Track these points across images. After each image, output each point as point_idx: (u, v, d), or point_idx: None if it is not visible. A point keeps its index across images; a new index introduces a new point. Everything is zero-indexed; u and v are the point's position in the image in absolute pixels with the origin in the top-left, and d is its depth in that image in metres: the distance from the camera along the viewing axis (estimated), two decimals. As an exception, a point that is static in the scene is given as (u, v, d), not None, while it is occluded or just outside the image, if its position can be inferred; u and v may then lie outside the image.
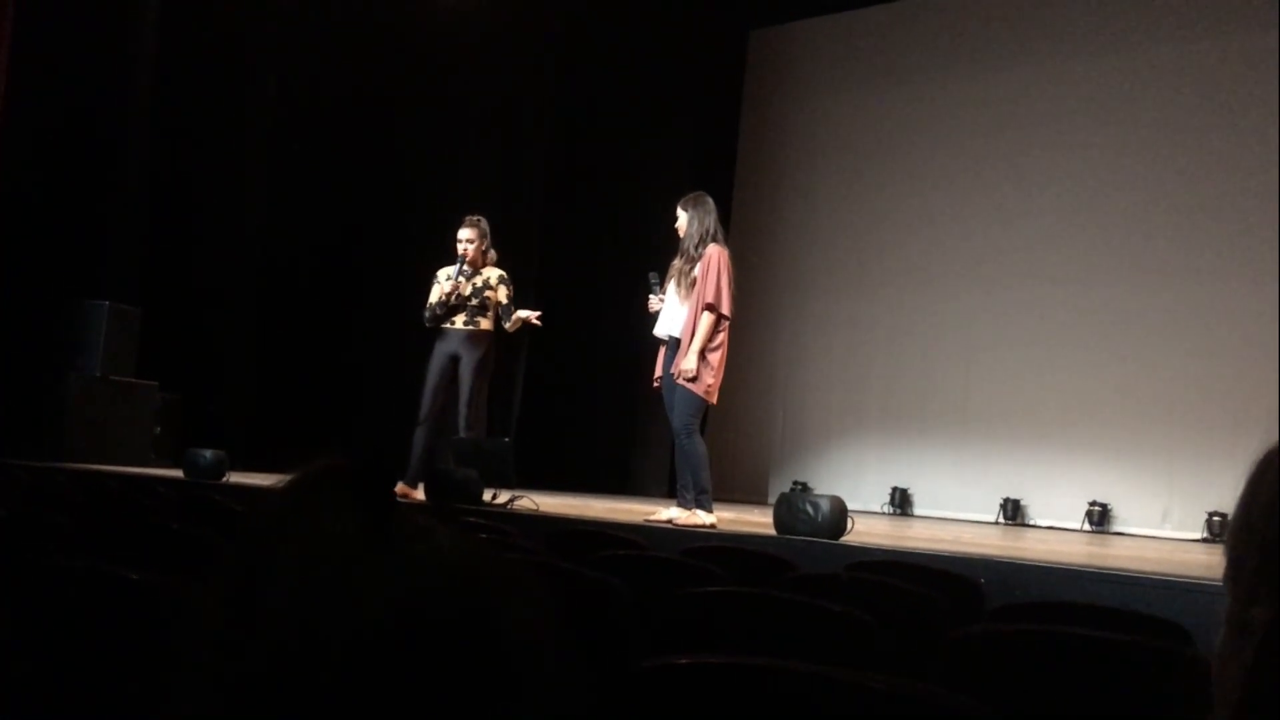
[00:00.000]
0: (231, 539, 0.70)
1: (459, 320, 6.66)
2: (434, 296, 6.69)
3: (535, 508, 5.79)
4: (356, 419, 9.52)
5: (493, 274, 6.73)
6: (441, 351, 6.70)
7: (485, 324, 6.68)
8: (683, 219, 5.64)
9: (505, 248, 10.26)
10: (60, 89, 7.87)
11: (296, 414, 8.96)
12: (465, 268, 6.66)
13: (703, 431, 5.70)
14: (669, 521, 5.37)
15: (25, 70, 7.62)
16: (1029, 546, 6.17)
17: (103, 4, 8.14)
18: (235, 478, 6.53)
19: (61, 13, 7.88)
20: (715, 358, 5.49)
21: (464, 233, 6.72)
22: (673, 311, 5.65)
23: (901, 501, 10.52)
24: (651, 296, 5.76)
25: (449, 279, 6.63)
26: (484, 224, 6.81)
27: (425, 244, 8.04)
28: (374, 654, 0.63)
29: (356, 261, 9.96)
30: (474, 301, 6.66)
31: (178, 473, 6.74)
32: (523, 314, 6.60)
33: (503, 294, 6.69)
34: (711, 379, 5.47)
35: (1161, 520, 9.20)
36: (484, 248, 6.75)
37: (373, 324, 9.91)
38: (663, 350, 5.74)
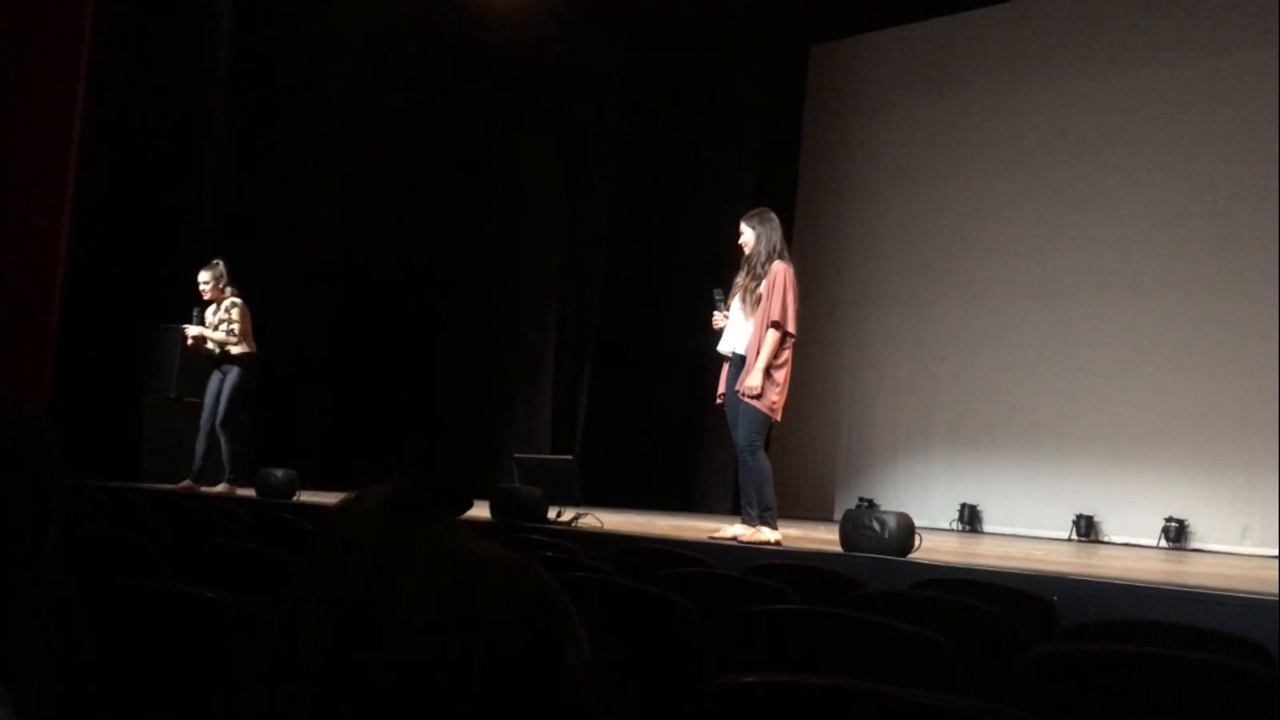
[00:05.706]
0: (301, 558, 0.71)
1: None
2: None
3: (600, 525, 5.80)
4: (428, 438, 9.61)
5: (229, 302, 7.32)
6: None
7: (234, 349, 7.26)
8: (749, 234, 5.63)
9: (569, 264, 10.29)
10: (135, 114, 8.07)
11: (367, 433, 9.09)
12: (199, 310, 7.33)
13: (767, 448, 5.67)
14: (734, 539, 5.35)
15: (102, 96, 7.80)
16: (1103, 564, 6.06)
17: (177, 28, 8.34)
18: (305, 496, 6.64)
19: (136, 39, 8.08)
20: (780, 375, 5.46)
21: (202, 275, 7.29)
22: (736, 328, 5.63)
23: (971, 518, 10.37)
24: (716, 313, 5.74)
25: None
26: (220, 266, 7.37)
27: (497, 264, 8.11)
28: (434, 672, 0.64)
29: (429, 282, 10.08)
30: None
31: (250, 492, 6.86)
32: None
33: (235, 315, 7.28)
34: (776, 396, 5.45)
35: (1241, 537, 8.96)
36: (221, 287, 7.34)
37: (446, 343, 10.02)
38: (726, 367, 5.72)
